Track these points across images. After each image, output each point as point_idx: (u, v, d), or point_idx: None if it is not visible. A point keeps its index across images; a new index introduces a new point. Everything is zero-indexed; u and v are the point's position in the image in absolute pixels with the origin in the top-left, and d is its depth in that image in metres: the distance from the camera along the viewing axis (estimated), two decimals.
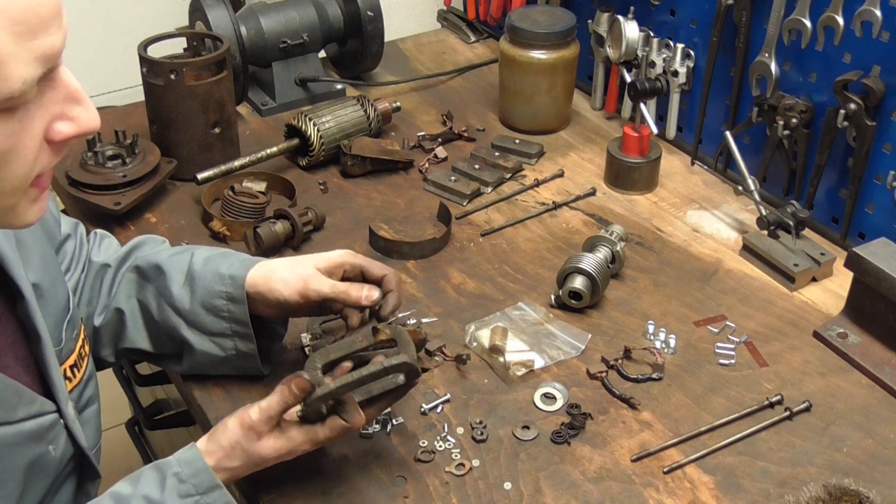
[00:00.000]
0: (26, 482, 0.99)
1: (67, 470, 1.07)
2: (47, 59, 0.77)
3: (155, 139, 1.71)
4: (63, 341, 1.08)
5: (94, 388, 1.15)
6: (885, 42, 1.44)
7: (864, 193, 1.54)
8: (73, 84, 0.83)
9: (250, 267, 1.23)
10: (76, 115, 0.83)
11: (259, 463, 1.08)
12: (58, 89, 0.82)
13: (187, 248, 1.30)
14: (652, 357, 1.35)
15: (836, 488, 1.11)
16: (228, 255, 1.27)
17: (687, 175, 1.80)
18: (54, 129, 0.83)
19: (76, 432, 1.06)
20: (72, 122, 0.83)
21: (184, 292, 1.24)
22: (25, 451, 0.98)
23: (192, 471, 1.04)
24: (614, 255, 1.49)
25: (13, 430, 0.96)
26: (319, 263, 1.23)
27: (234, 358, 1.26)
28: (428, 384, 1.32)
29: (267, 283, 1.21)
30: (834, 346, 1.38)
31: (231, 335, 1.24)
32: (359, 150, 1.75)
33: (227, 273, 1.22)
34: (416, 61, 2.19)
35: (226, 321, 1.23)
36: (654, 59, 1.79)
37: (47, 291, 1.07)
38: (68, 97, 0.83)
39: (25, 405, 0.98)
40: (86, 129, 0.84)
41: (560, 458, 1.21)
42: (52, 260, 1.14)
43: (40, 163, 0.83)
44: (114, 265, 1.29)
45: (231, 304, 1.22)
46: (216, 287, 1.22)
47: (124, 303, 1.27)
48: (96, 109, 0.85)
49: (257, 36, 1.90)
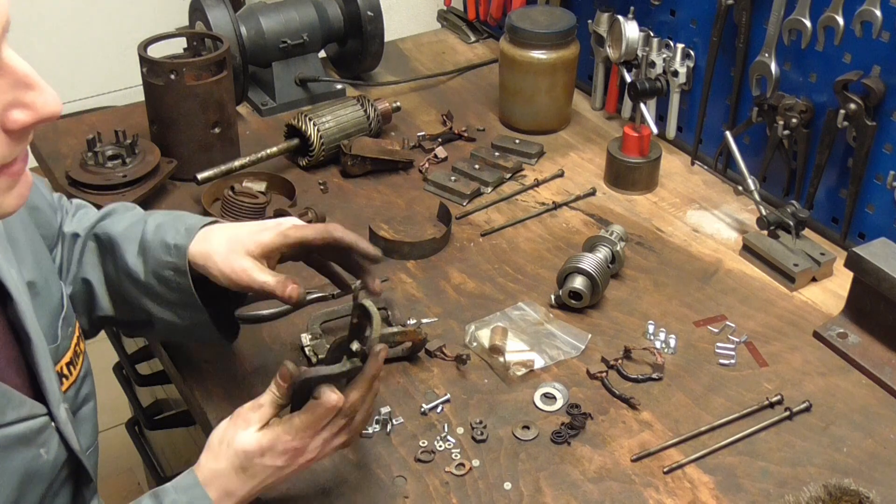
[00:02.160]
0: (21, 488, 0.97)
1: (63, 475, 1.05)
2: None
3: (155, 139, 1.71)
4: (59, 339, 1.07)
5: (91, 386, 1.14)
6: (885, 42, 1.44)
7: (864, 193, 1.54)
8: (23, 69, 0.78)
9: (193, 235, 1.18)
10: (31, 100, 0.78)
11: (244, 465, 1.04)
12: (5, 76, 0.77)
13: (144, 215, 1.26)
14: (652, 357, 1.35)
15: (836, 488, 1.11)
16: (177, 219, 1.22)
17: (687, 175, 1.80)
18: (9, 117, 0.78)
19: (68, 435, 1.03)
20: (27, 108, 0.78)
21: (138, 262, 1.20)
22: (16, 455, 0.96)
23: (188, 498, 1.02)
24: (614, 255, 1.49)
25: (2, 433, 0.94)
26: (254, 250, 1.16)
27: (192, 327, 1.23)
28: (428, 384, 1.32)
29: (205, 267, 1.17)
30: (834, 346, 1.38)
31: (182, 305, 1.20)
32: (359, 150, 1.75)
33: (172, 243, 1.18)
34: (416, 61, 2.19)
35: (175, 292, 1.19)
36: (654, 59, 1.79)
37: (42, 289, 1.06)
38: (18, 83, 0.78)
39: (14, 408, 0.96)
40: (44, 115, 0.79)
41: (560, 458, 1.21)
42: (46, 257, 1.13)
43: (1, 154, 0.79)
44: (83, 234, 1.26)
45: (176, 275, 1.18)
46: (163, 257, 1.18)
47: (90, 272, 1.24)
48: (54, 92, 0.80)
49: (257, 36, 1.90)
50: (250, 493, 1.05)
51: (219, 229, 1.20)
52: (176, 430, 1.80)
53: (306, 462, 1.07)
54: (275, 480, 1.06)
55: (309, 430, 1.05)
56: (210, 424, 1.25)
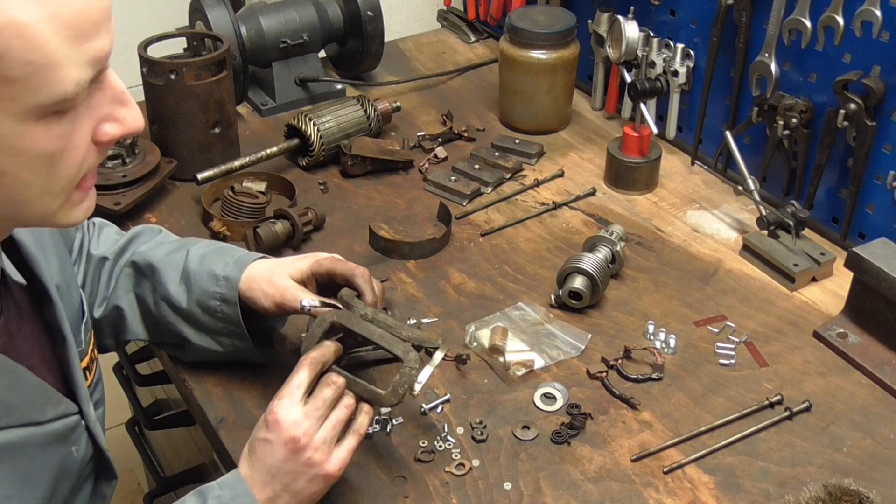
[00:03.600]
0: (54, 486, 0.99)
1: (87, 471, 1.08)
2: (98, 61, 0.79)
3: (155, 139, 1.71)
4: (82, 343, 1.10)
5: (102, 392, 1.16)
6: (885, 42, 1.44)
7: (864, 193, 1.54)
8: (119, 86, 0.85)
9: (244, 268, 1.23)
10: (122, 116, 0.85)
11: (283, 439, 1.02)
12: (105, 91, 0.84)
13: (183, 244, 1.31)
14: (652, 357, 1.35)
15: (836, 488, 1.11)
16: (223, 251, 1.27)
17: (687, 175, 1.80)
18: (101, 130, 0.85)
19: (96, 433, 1.07)
20: (118, 123, 0.85)
21: (180, 291, 1.25)
22: (53, 452, 0.99)
23: (232, 494, 1.03)
24: (614, 255, 1.49)
25: (42, 430, 0.97)
26: (294, 273, 1.23)
27: (233, 353, 1.27)
28: (428, 384, 1.31)
29: (250, 291, 1.22)
30: (834, 346, 1.38)
31: (227, 334, 1.25)
32: (359, 150, 1.75)
33: (221, 275, 1.23)
34: (416, 61, 2.19)
35: (221, 321, 1.24)
36: (654, 59, 1.79)
37: (64, 294, 1.08)
38: (115, 99, 0.85)
39: (53, 406, 0.99)
40: (131, 130, 0.86)
41: (560, 458, 1.21)
42: (69, 263, 1.16)
43: (87, 163, 0.85)
44: (111, 258, 1.30)
45: (224, 305, 1.23)
46: (210, 288, 1.23)
47: (123, 298, 1.29)
48: (139, 110, 0.87)
49: (257, 36, 1.90)
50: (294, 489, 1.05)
51: (260, 262, 1.26)
52: (176, 430, 1.80)
53: (318, 461, 1.04)
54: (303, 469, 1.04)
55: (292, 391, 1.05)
56: (210, 424, 1.26)
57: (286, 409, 1.03)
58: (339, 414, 1.07)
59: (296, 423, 1.03)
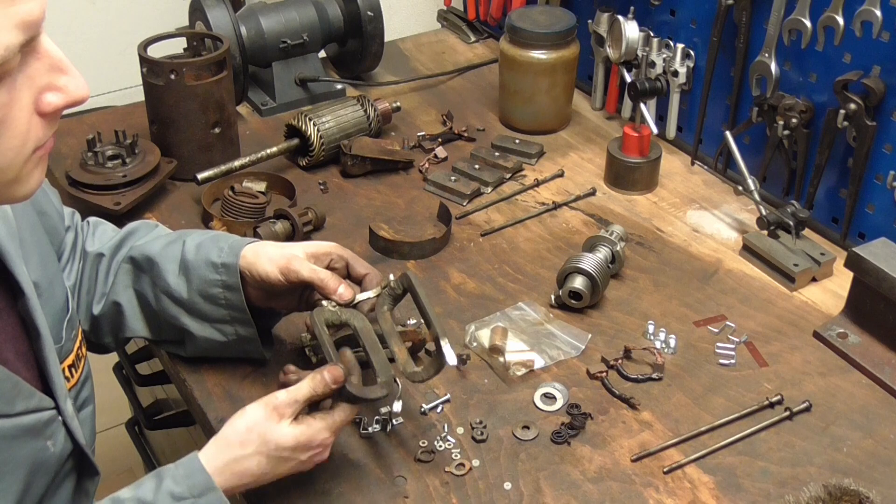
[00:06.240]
0: (28, 479, 0.99)
1: (67, 467, 1.08)
2: (27, 25, 0.77)
3: (155, 139, 1.71)
4: (63, 340, 1.09)
5: (90, 390, 1.16)
6: (885, 42, 1.44)
7: (864, 193, 1.54)
8: (57, 54, 0.82)
9: (240, 252, 1.23)
10: (63, 84, 0.83)
11: (272, 452, 1.06)
12: (42, 59, 0.81)
13: (178, 235, 1.30)
14: (652, 357, 1.35)
15: (836, 488, 1.11)
16: (218, 239, 1.27)
17: (687, 175, 1.80)
18: (43, 100, 0.82)
19: (74, 429, 1.06)
20: (60, 91, 0.83)
21: (180, 282, 1.25)
22: (24, 445, 0.98)
23: (187, 472, 1.04)
24: (614, 255, 1.49)
25: (11, 423, 0.96)
26: (308, 248, 1.24)
27: (236, 342, 1.27)
28: (428, 384, 1.32)
29: (255, 261, 1.21)
30: (834, 346, 1.38)
31: (230, 321, 1.25)
32: (359, 150, 1.75)
33: (219, 262, 1.23)
34: (416, 61, 2.19)
35: (224, 308, 1.24)
36: (654, 59, 1.79)
37: (45, 290, 1.07)
38: (53, 67, 0.82)
39: (24, 399, 0.98)
40: (75, 98, 0.84)
41: (560, 458, 1.21)
42: (52, 259, 1.15)
43: (34, 135, 0.83)
44: (108, 254, 1.30)
45: (227, 291, 1.23)
46: (210, 276, 1.23)
47: (121, 294, 1.28)
48: (83, 78, 0.84)
49: (257, 36, 1.90)
50: (265, 480, 1.09)
51: (262, 243, 1.25)
52: (176, 430, 1.80)
53: (319, 459, 1.12)
54: (288, 471, 1.10)
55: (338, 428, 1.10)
56: (210, 424, 1.25)
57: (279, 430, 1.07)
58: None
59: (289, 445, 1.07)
